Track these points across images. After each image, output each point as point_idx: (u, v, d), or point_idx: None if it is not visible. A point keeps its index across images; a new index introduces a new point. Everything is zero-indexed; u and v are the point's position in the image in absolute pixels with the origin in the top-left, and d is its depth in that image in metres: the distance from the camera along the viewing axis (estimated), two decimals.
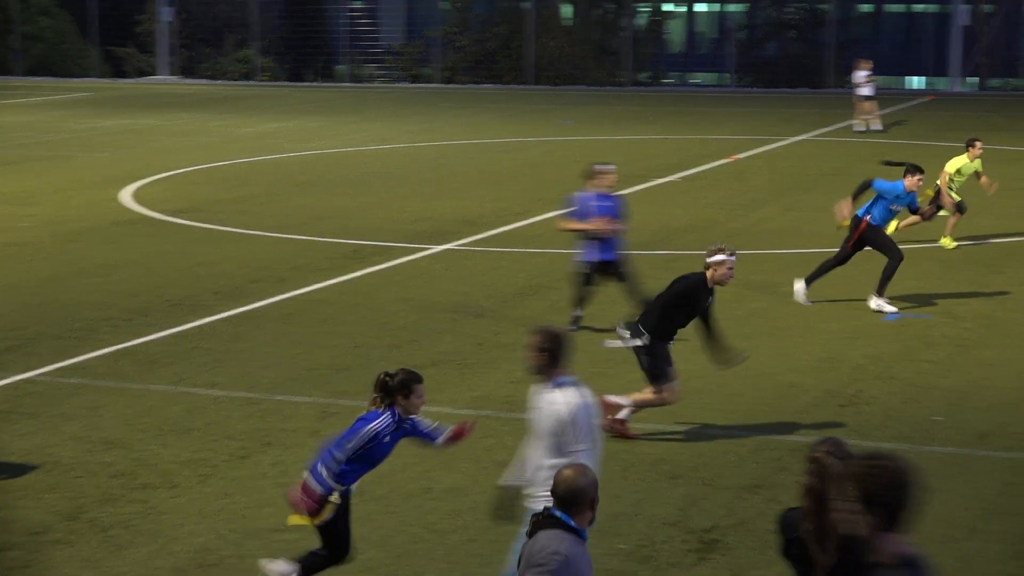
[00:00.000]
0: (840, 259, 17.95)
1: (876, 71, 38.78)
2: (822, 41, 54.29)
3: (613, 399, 12.84)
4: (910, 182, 17.72)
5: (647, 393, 12.84)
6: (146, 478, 11.86)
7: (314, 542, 9.47)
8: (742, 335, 16.54)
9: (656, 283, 19.25)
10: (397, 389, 9.22)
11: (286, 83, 57.27)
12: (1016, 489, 11.74)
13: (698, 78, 57.97)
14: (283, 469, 12.06)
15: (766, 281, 19.40)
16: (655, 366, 12.70)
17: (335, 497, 9.19)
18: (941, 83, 54.06)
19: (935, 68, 54.43)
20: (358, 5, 60.97)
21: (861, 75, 38.37)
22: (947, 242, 21.47)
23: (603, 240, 16.25)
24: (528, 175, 30.14)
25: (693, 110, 45.79)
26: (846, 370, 15.13)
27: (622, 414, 12.84)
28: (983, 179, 21.79)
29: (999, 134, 36.79)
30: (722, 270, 12.55)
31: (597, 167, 16.54)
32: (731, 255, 12.59)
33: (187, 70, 59.47)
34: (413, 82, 56.73)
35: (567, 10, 59.48)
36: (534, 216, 24.38)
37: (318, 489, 9.17)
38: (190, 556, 10.31)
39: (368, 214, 25.01)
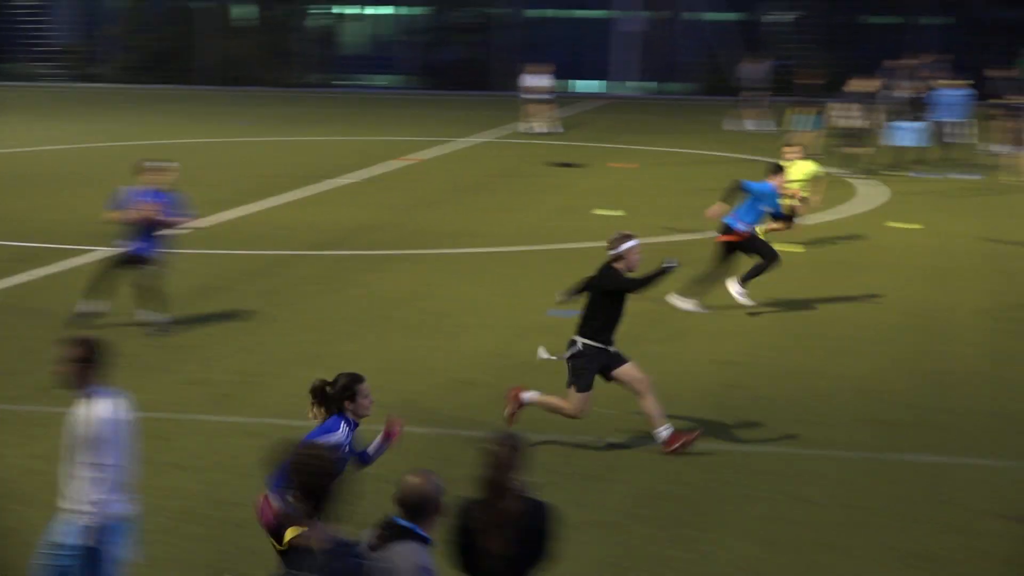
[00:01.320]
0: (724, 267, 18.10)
1: (551, 75, 39.58)
2: (497, 44, 55.20)
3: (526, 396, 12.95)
4: (778, 180, 18.30)
5: (559, 400, 12.85)
6: None
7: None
8: (418, 334, 16.78)
9: (325, 284, 19.38)
10: (340, 395, 8.79)
11: None
12: (673, 476, 12.24)
13: (377, 80, 58.12)
14: None
15: (442, 281, 19.69)
16: (576, 373, 12.68)
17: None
18: (612, 87, 55.53)
19: (606, 72, 55.88)
20: (28, 1, 59.07)
21: (534, 78, 39.17)
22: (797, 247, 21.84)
23: (142, 231, 16.55)
24: (203, 177, 29.77)
25: (372, 112, 45.96)
26: (517, 366, 15.45)
27: (526, 396, 12.90)
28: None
29: (664, 136, 38.11)
30: (635, 255, 12.64)
31: (149, 163, 16.86)
32: (637, 239, 12.72)
33: None
34: (86, 81, 55.37)
35: (240, 10, 58.88)
36: (209, 217, 24.06)
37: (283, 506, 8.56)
38: None
39: (38, 216, 24.37)
